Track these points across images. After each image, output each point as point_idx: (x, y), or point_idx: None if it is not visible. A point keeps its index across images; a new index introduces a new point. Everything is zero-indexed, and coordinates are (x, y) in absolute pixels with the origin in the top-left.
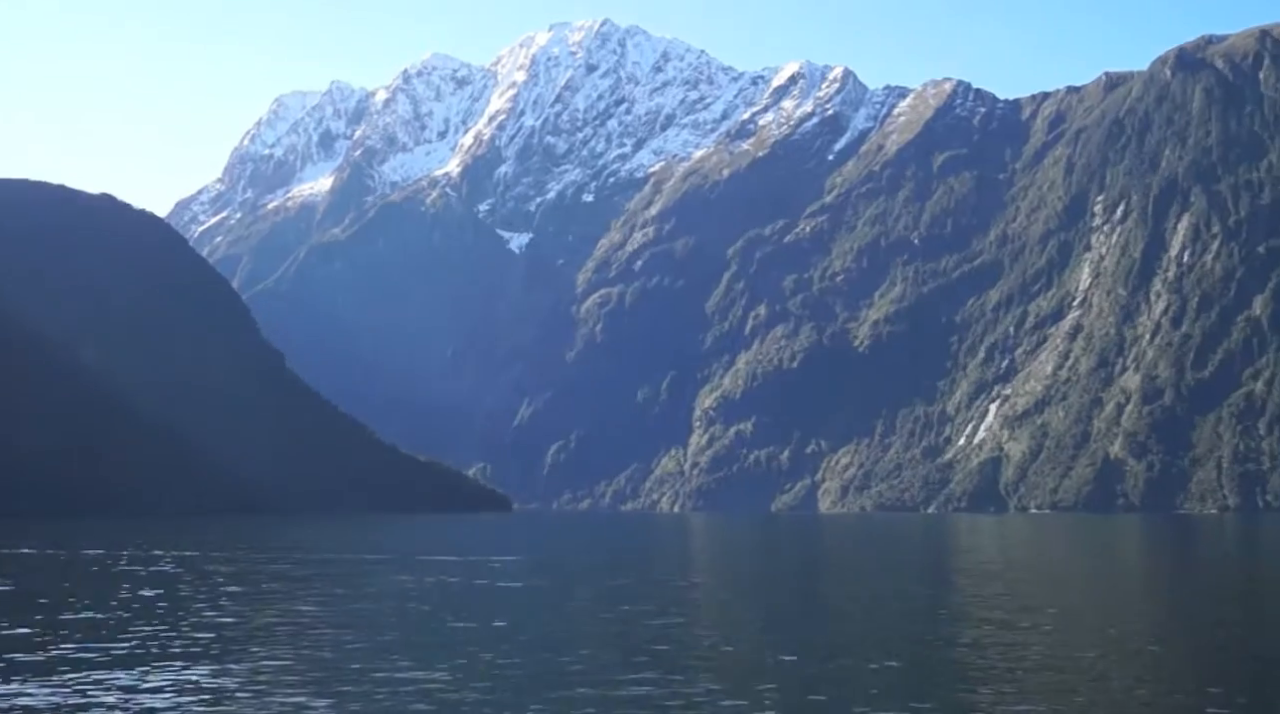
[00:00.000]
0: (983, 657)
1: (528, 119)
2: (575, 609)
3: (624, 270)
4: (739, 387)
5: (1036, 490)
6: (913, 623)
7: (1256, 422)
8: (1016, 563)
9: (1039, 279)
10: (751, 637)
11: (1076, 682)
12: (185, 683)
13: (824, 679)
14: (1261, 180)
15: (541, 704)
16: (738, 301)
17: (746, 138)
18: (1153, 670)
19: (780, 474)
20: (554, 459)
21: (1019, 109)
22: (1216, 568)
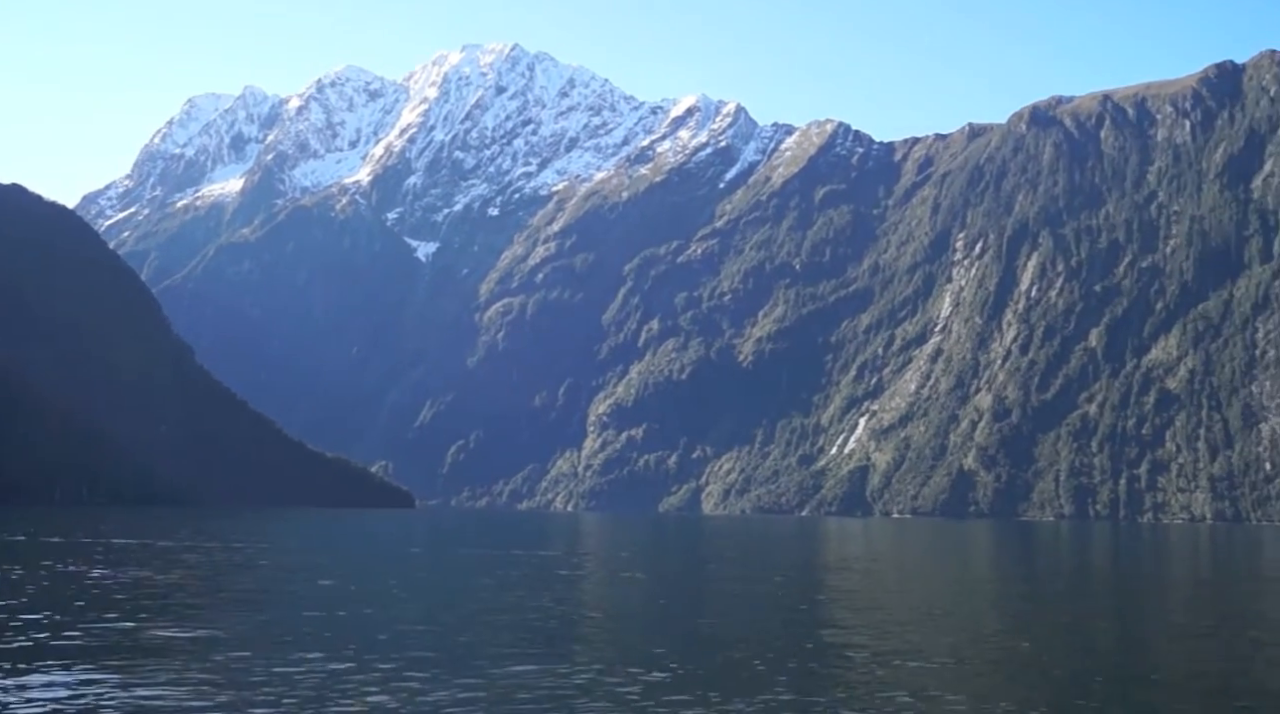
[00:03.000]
0: (849, 646)
1: (438, 134)
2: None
3: (526, 282)
4: (631, 395)
5: (899, 497)
6: (785, 615)
7: (1090, 440)
8: (881, 559)
9: (906, 306)
10: (636, 625)
11: (934, 671)
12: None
13: (702, 665)
14: (1100, 227)
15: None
16: (632, 315)
17: (645, 163)
18: (1002, 663)
19: (668, 477)
20: (454, 458)
21: (892, 151)
22: (1053, 568)
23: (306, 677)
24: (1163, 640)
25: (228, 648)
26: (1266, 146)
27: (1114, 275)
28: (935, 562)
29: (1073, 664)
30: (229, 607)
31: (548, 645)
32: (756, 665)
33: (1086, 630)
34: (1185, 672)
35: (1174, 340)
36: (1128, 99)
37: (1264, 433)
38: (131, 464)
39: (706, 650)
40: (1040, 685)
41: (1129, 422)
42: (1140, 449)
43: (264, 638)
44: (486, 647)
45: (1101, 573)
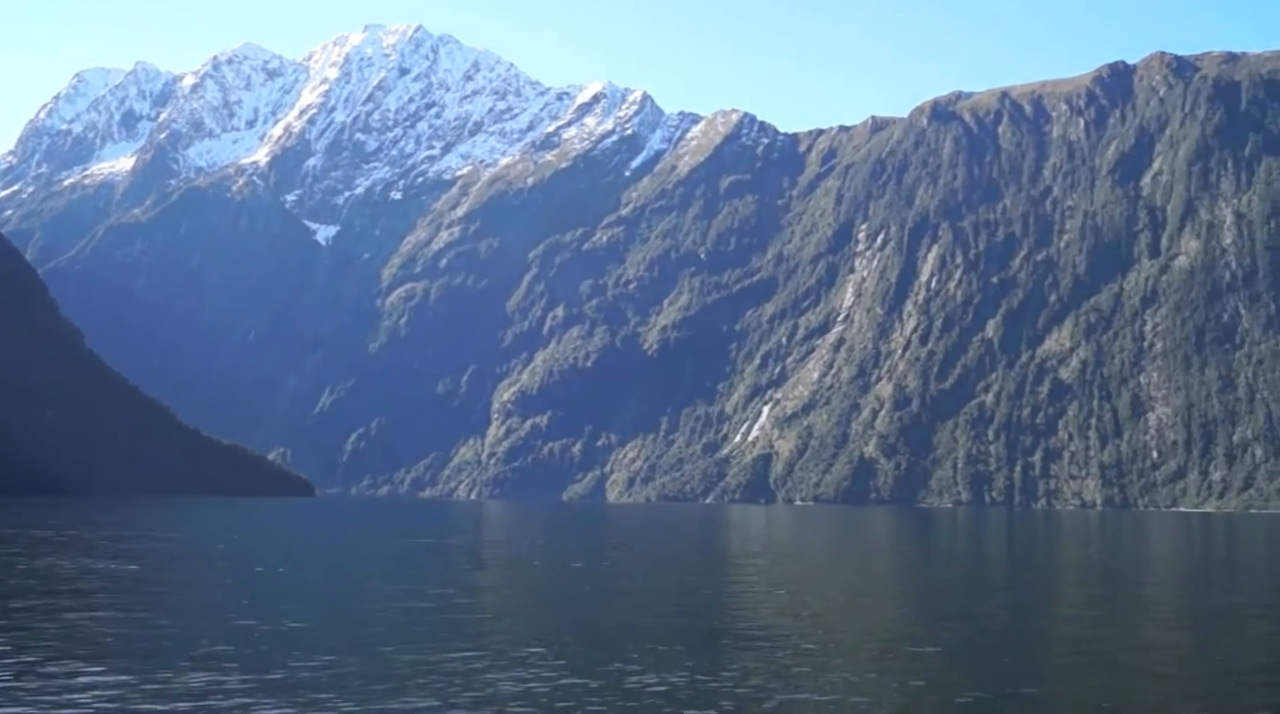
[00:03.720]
0: (750, 626)
1: (339, 115)
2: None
3: (429, 267)
4: (536, 382)
5: (802, 484)
6: (685, 603)
7: (986, 429)
8: (783, 546)
9: (809, 296)
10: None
11: (825, 653)
12: None
13: (598, 648)
14: (997, 220)
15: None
16: (537, 302)
17: (550, 149)
18: (894, 643)
19: (572, 465)
20: (354, 446)
21: (797, 142)
22: (949, 550)
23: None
24: (1053, 620)
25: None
26: (1155, 145)
27: (1010, 268)
28: (837, 548)
29: (961, 645)
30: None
31: (439, 633)
32: (660, 649)
33: (977, 613)
34: (1071, 647)
35: (1067, 332)
36: (1025, 96)
37: (1151, 422)
38: (16, 452)
39: (612, 636)
40: (918, 665)
41: (1024, 411)
42: (1034, 437)
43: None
44: (389, 636)
45: (994, 558)
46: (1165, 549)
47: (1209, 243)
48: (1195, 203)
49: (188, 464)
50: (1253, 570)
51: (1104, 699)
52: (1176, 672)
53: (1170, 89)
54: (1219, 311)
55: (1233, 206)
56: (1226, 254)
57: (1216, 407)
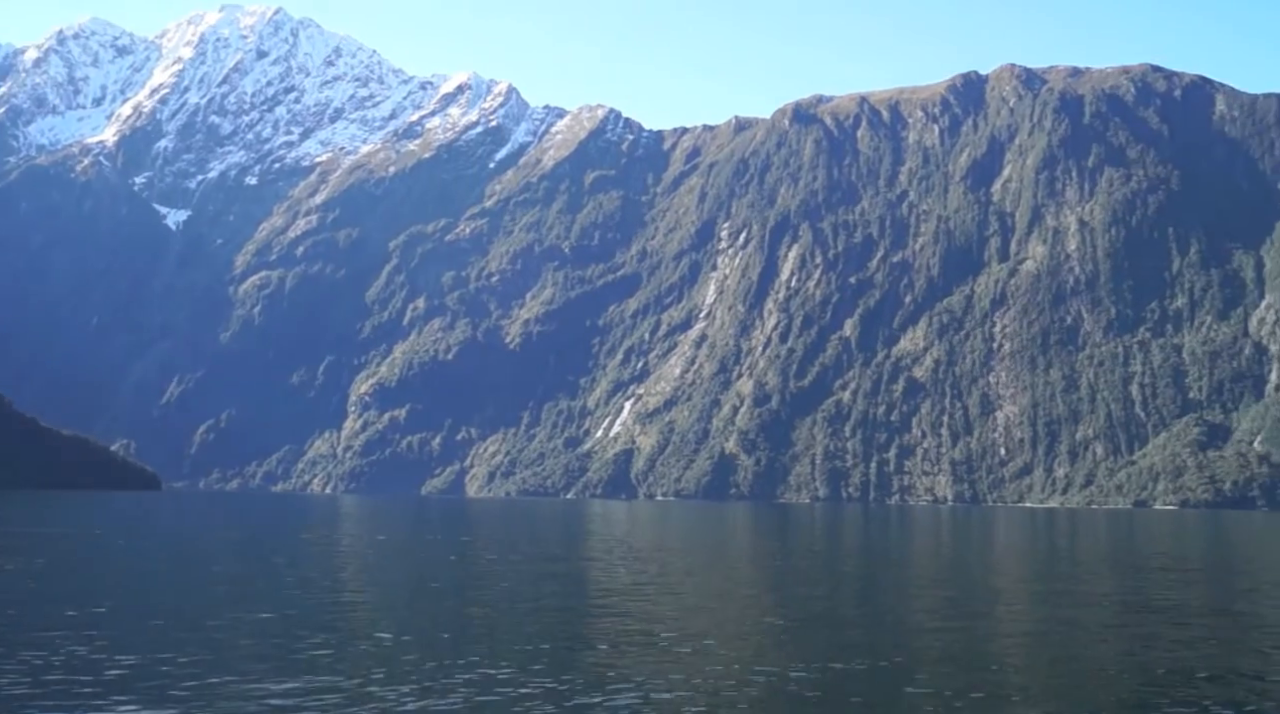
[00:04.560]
0: (611, 622)
1: (192, 96)
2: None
3: (285, 255)
4: (395, 375)
5: (663, 479)
6: (542, 596)
7: (843, 426)
8: (644, 541)
9: (672, 292)
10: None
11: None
12: None
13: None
14: (856, 222)
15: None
16: (397, 293)
17: (413, 139)
18: (751, 637)
19: (431, 459)
20: (203, 438)
21: (662, 140)
22: (805, 547)
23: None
24: (908, 610)
25: None
26: (1005, 153)
27: (867, 269)
28: (695, 542)
29: (819, 637)
30: None
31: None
32: (513, 645)
33: (835, 605)
34: (921, 632)
35: (921, 332)
36: (883, 102)
37: (999, 420)
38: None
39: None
40: (771, 661)
41: (879, 408)
42: (889, 434)
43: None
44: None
45: (846, 550)
46: (1013, 542)
47: (1054, 248)
48: (1042, 210)
49: (26, 456)
50: (1092, 562)
51: (951, 684)
52: (1022, 662)
53: (1020, 100)
54: (1063, 315)
55: (1077, 214)
56: (1070, 260)
57: (1060, 406)
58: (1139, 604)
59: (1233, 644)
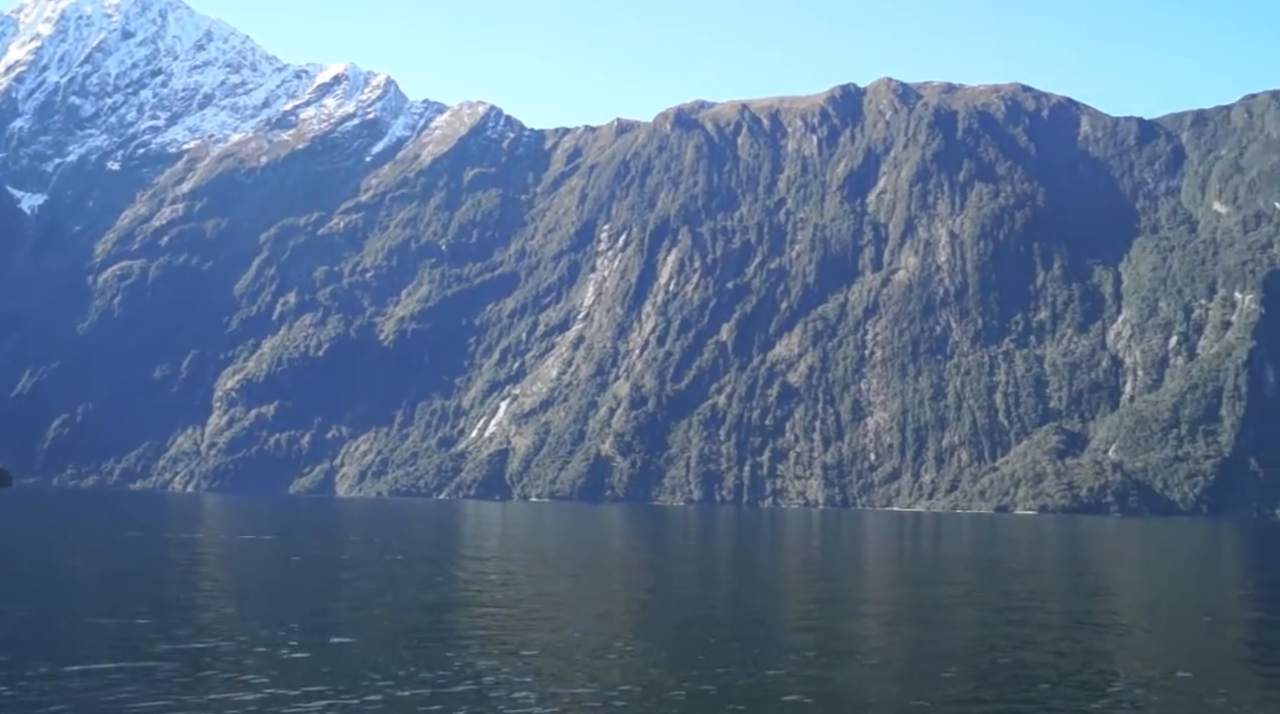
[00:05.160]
0: (470, 624)
1: (52, 75)
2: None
3: (149, 244)
4: (263, 370)
5: (538, 481)
6: (404, 599)
7: (719, 429)
8: (518, 543)
9: (550, 293)
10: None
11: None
12: None
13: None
14: (734, 228)
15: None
16: (267, 287)
17: (287, 129)
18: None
19: (300, 458)
20: (57, 433)
21: (543, 139)
22: (681, 547)
23: None
24: (778, 610)
25: None
26: (881, 165)
27: (745, 275)
28: (569, 543)
29: (685, 637)
30: None
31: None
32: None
33: (704, 606)
34: (791, 624)
35: (796, 338)
36: (763, 110)
37: (870, 426)
38: None
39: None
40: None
41: (754, 413)
42: (763, 439)
43: None
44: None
45: (723, 553)
46: (881, 544)
47: (926, 260)
48: (915, 222)
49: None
50: (955, 563)
51: (826, 686)
52: (888, 656)
53: (896, 113)
54: (933, 324)
55: (947, 227)
56: (941, 271)
57: (928, 413)
58: (996, 603)
59: (1073, 639)
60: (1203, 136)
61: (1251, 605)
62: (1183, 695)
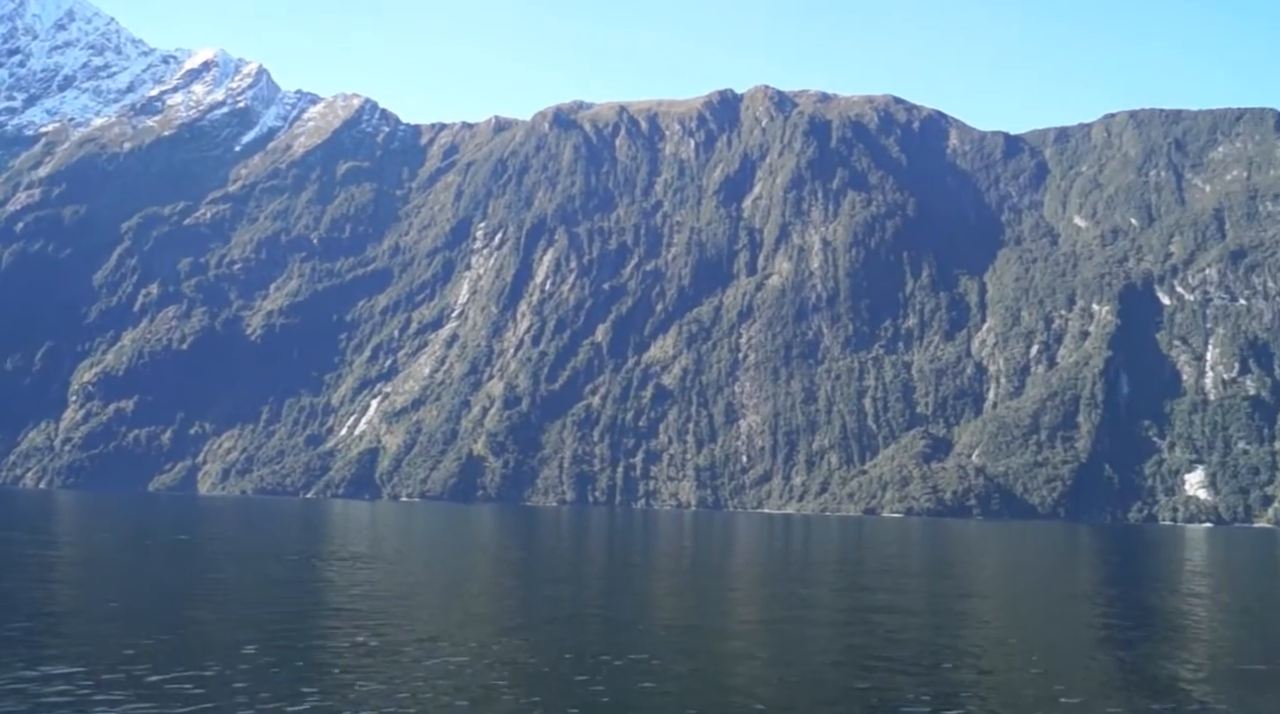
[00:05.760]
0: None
1: None
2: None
3: (3, 231)
4: (123, 364)
5: (409, 480)
6: (269, 600)
7: (592, 430)
8: (388, 544)
9: (424, 290)
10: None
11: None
12: None
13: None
14: (611, 229)
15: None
16: (128, 278)
17: (153, 115)
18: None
19: (161, 454)
20: None
21: (419, 134)
22: (554, 547)
23: None
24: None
25: None
26: (757, 171)
27: (621, 276)
28: (439, 543)
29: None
30: None
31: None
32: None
33: (578, 604)
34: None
35: (671, 340)
36: (642, 113)
37: (742, 428)
38: None
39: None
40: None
41: (628, 414)
42: (637, 440)
43: None
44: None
45: (595, 552)
46: (751, 545)
47: (799, 265)
48: (789, 228)
49: None
50: (823, 564)
51: (701, 682)
52: (756, 650)
53: (772, 120)
54: (805, 329)
55: (820, 234)
56: (814, 277)
57: (799, 416)
58: (859, 601)
59: (933, 633)
60: (1065, 153)
61: (1099, 604)
62: (1031, 687)
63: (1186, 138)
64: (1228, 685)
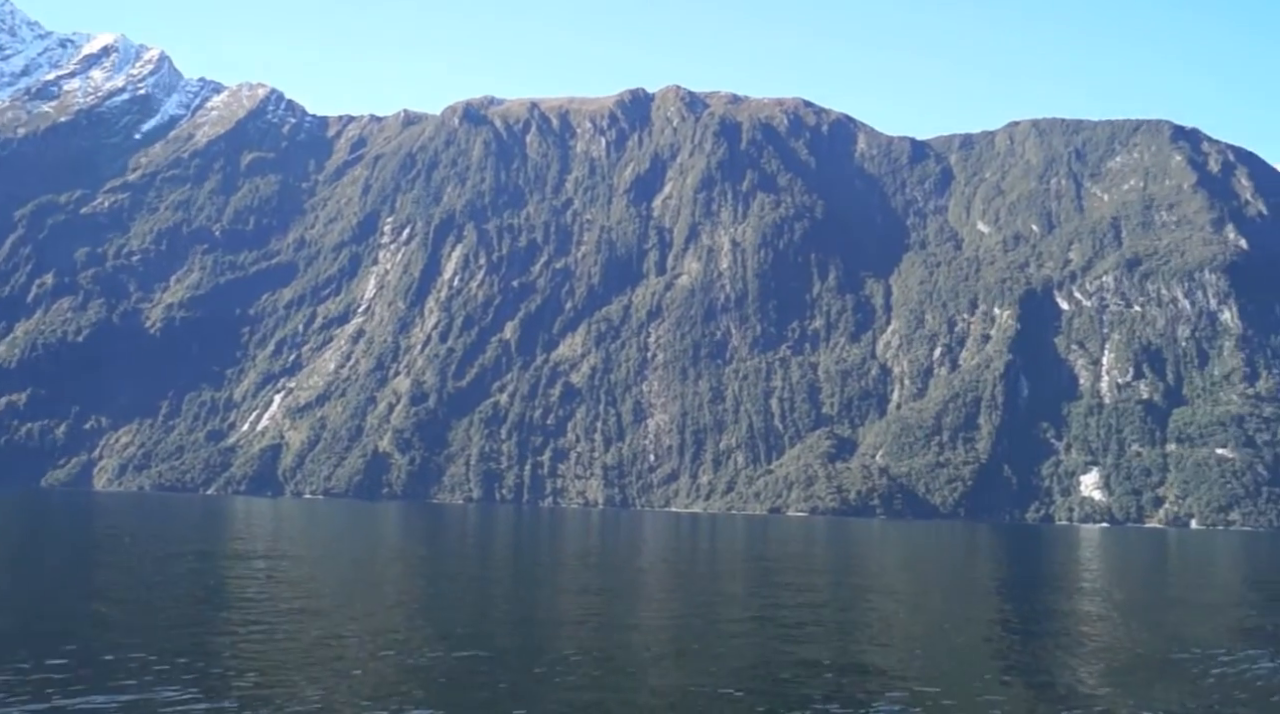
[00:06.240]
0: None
1: None
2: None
3: None
4: (15, 355)
5: (312, 477)
6: (161, 599)
7: (500, 427)
8: (293, 542)
9: (330, 284)
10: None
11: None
12: None
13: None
14: (521, 226)
15: None
16: (22, 267)
17: (48, 100)
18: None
19: (54, 449)
20: None
21: (326, 126)
22: (460, 545)
23: None
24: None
25: None
26: (668, 171)
27: (530, 273)
28: (343, 542)
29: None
30: None
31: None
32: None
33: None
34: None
35: (580, 339)
36: (553, 110)
37: (650, 427)
38: None
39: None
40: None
41: (536, 412)
42: (545, 438)
43: None
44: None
45: (499, 550)
46: (659, 543)
47: (708, 266)
48: (699, 228)
49: None
50: (729, 562)
51: (604, 681)
52: (659, 648)
53: (683, 121)
54: (713, 329)
55: (730, 235)
56: (722, 277)
57: (707, 416)
58: (763, 599)
59: (833, 631)
60: (969, 159)
61: (996, 601)
62: (931, 682)
63: (1086, 147)
64: (1119, 678)
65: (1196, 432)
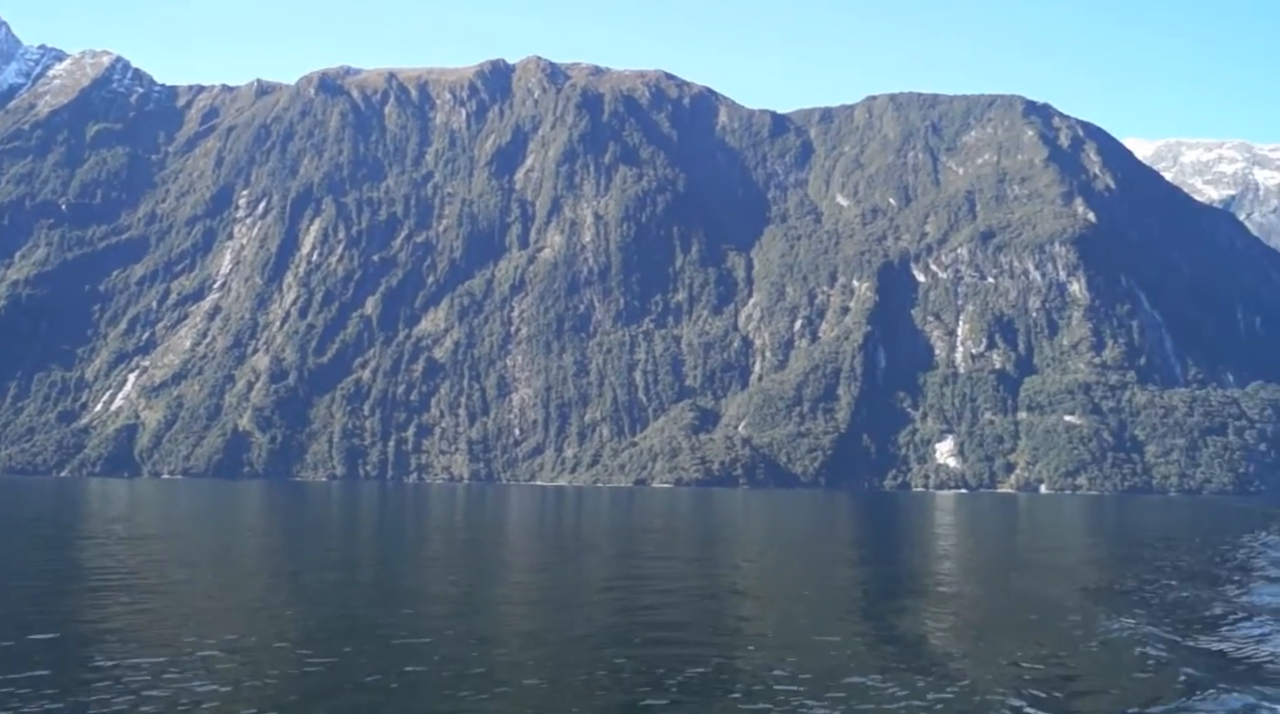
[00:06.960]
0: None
1: None
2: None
3: None
4: None
5: (170, 457)
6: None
7: (363, 404)
8: (149, 523)
9: (184, 259)
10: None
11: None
12: None
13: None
14: (381, 199)
15: None
16: None
17: None
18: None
19: None
20: None
21: (175, 96)
22: (322, 524)
23: None
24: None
25: None
26: (529, 143)
27: (391, 247)
28: (203, 522)
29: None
30: None
31: None
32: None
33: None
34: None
35: (442, 313)
36: (411, 80)
37: (514, 402)
38: None
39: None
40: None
41: (399, 388)
42: (408, 414)
43: None
44: None
45: (359, 528)
46: (523, 517)
47: (571, 239)
48: (561, 201)
49: None
50: (592, 535)
51: (467, 660)
52: (521, 624)
53: (545, 93)
54: (577, 303)
55: (593, 208)
56: (586, 251)
57: (571, 390)
58: (627, 571)
59: (697, 599)
60: (829, 133)
61: (856, 565)
62: (791, 650)
63: (942, 122)
64: (972, 634)
65: (1046, 400)
